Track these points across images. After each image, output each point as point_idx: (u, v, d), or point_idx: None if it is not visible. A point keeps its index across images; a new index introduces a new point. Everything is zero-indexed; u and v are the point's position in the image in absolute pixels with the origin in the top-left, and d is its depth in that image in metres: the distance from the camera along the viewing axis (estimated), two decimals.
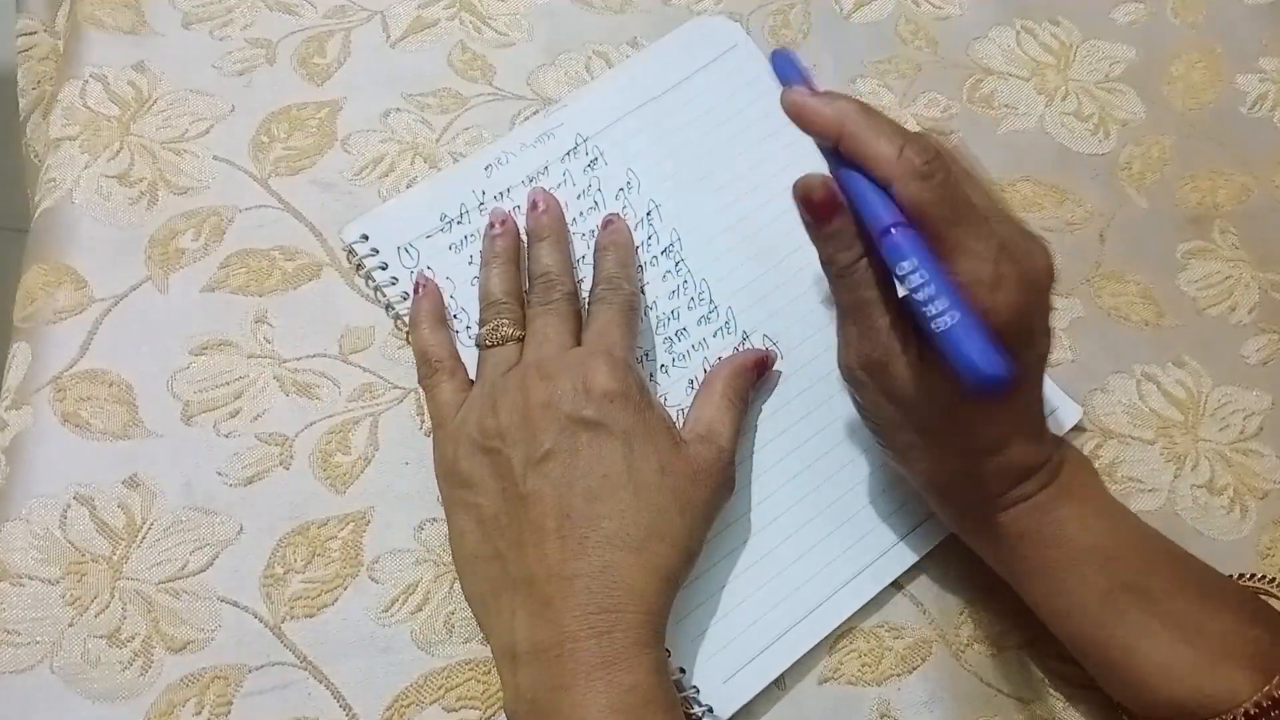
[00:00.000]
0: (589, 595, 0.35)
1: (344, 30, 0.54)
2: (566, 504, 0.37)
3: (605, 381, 0.39)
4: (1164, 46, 0.58)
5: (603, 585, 0.36)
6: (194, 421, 0.44)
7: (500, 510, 0.38)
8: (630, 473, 0.38)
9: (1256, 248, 0.52)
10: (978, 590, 0.43)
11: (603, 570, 0.36)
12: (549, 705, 0.35)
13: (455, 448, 0.41)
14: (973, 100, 0.55)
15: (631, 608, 0.35)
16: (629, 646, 0.35)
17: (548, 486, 0.37)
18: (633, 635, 0.35)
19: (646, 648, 0.35)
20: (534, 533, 0.37)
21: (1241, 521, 0.46)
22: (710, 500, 0.40)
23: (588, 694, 0.34)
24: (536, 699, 0.35)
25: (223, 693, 0.39)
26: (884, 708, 0.41)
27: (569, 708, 0.34)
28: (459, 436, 0.41)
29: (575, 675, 0.34)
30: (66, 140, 0.49)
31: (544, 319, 0.43)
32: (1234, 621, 0.38)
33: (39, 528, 0.41)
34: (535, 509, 0.37)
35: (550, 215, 0.47)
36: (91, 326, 0.45)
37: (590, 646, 0.35)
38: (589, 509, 0.37)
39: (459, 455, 0.40)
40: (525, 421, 0.39)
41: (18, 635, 0.39)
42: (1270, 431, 0.48)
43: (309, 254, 0.48)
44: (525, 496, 0.38)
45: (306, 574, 0.41)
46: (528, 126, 0.51)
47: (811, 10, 0.57)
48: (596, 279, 0.45)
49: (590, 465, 0.38)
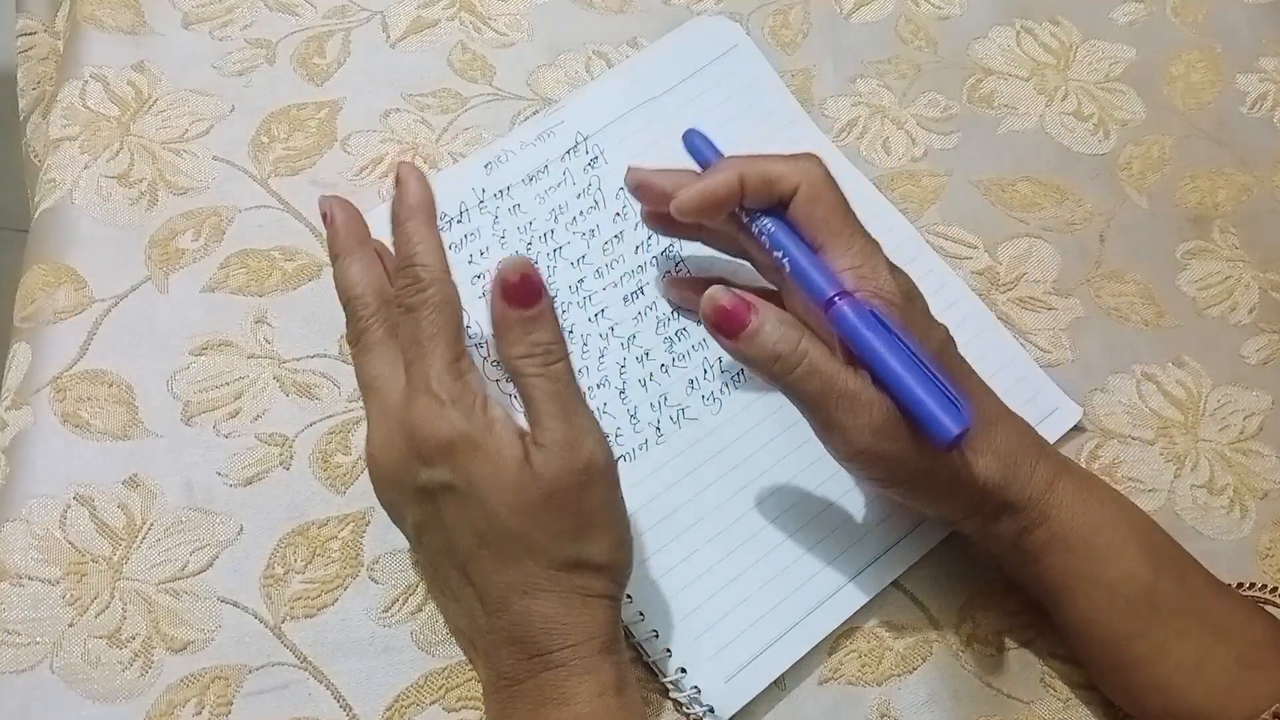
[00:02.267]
0: (516, 645, 0.35)
1: (344, 30, 0.53)
2: (460, 566, 0.36)
3: (432, 433, 0.34)
4: (1164, 46, 0.58)
5: (524, 632, 0.35)
6: (194, 421, 0.44)
7: (422, 566, 0.38)
8: (494, 522, 0.34)
9: (1256, 248, 0.52)
10: (978, 590, 0.43)
11: (519, 619, 0.35)
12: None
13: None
14: (973, 100, 0.55)
15: (560, 644, 0.35)
16: (566, 680, 0.35)
17: (437, 556, 0.37)
18: (568, 669, 0.35)
19: (585, 674, 0.35)
20: (451, 590, 0.37)
21: (1241, 521, 0.46)
22: (579, 502, 0.35)
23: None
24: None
25: (223, 693, 0.39)
26: (884, 708, 0.41)
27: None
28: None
29: (520, 715, 0.35)
30: (66, 140, 0.49)
31: (374, 353, 0.38)
32: (1261, 626, 0.38)
33: (39, 528, 0.41)
34: (441, 572, 0.37)
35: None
36: (91, 327, 0.45)
37: (531, 688, 0.35)
38: (479, 567, 0.35)
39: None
40: (388, 502, 0.38)
41: (18, 635, 0.39)
42: (1270, 431, 0.48)
43: (309, 254, 0.48)
44: (428, 564, 0.37)
45: (306, 574, 0.41)
46: (528, 125, 0.51)
47: (811, 10, 0.57)
48: (395, 268, 0.37)
49: (458, 526, 0.35)
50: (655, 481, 0.44)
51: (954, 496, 0.38)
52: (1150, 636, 0.38)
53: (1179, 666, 0.37)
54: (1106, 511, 0.39)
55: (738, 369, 0.46)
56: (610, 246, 0.49)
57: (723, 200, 0.39)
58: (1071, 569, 0.39)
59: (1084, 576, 0.39)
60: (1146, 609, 0.38)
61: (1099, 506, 0.39)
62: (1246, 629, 0.38)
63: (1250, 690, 0.36)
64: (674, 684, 0.40)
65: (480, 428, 0.34)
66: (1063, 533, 0.38)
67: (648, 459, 0.44)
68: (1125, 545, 0.38)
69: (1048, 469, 0.39)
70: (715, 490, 0.44)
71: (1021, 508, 0.38)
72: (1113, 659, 0.39)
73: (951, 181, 0.53)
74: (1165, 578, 0.38)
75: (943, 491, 0.38)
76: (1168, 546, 0.39)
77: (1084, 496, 0.39)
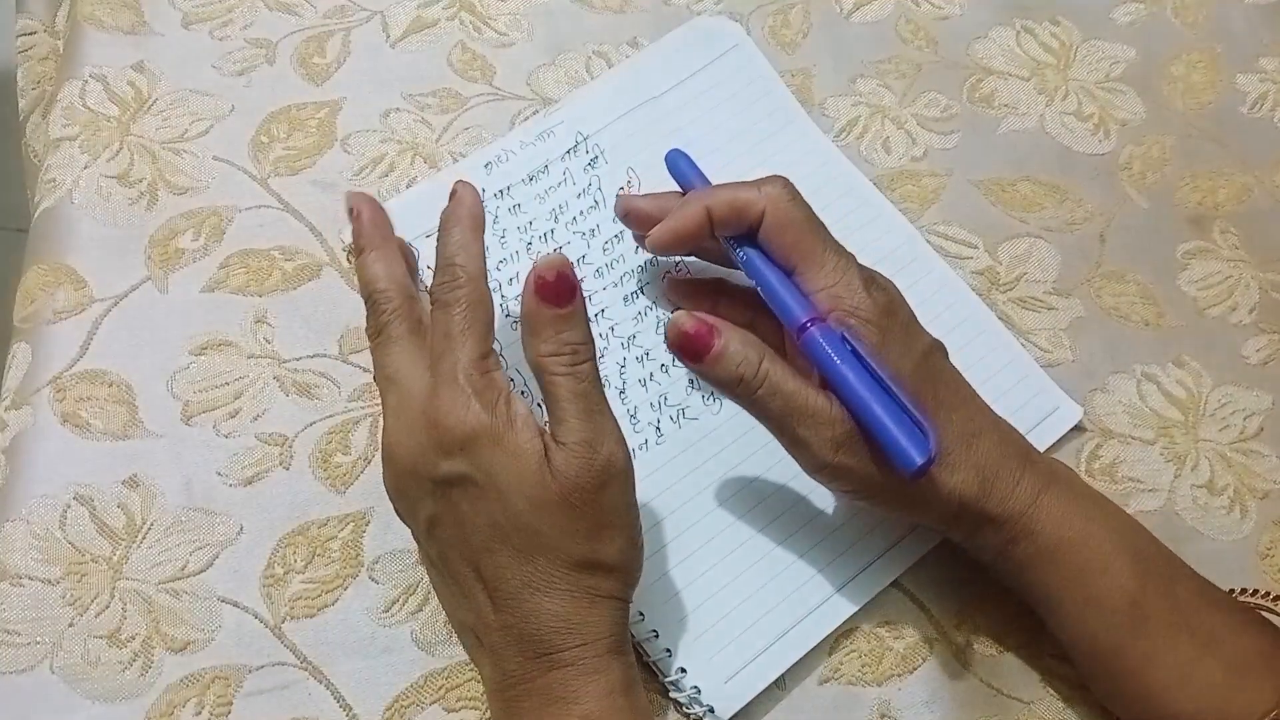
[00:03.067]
0: (525, 643, 0.35)
1: (344, 30, 0.53)
2: (472, 560, 0.36)
3: (455, 424, 0.35)
4: (1164, 46, 0.58)
5: (534, 630, 0.35)
6: (194, 421, 0.44)
7: (430, 561, 0.38)
8: (511, 517, 0.35)
9: (1257, 248, 0.52)
10: (978, 590, 0.43)
11: (529, 616, 0.35)
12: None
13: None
14: (973, 100, 0.55)
15: (569, 643, 0.35)
16: (575, 679, 0.35)
17: (448, 549, 0.37)
18: (577, 668, 0.35)
19: (594, 674, 0.35)
20: (460, 585, 0.37)
21: (1241, 522, 0.46)
22: (596, 502, 0.35)
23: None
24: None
25: (223, 693, 0.39)
26: (884, 708, 0.41)
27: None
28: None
29: (528, 714, 0.35)
30: (66, 140, 0.49)
31: (397, 346, 0.38)
32: (1254, 635, 0.38)
33: (39, 528, 0.41)
34: (451, 567, 0.37)
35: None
36: (91, 326, 0.45)
37: (539, 686, 0.35)
38: (492, 561, 0.35)
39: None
40: (400, 493, 0.37)
41: (18, 635, 0.39)
42: (1270, 431, 0.48)
43: (309, 254, 0.48)
44: (437, 558, 0.37)
45: (306, 574, 0.41)
46: (528, 125, 0.51)
47: (811, 10, 0.57)
48: (435, 266, 0.38)
49: (474, 520, 0.35)
50: (655, 481, 0.44)
51: (928, 509, 0.39)
52: (1137, 649, 0.38)
53: (1167, 678, 0.37)
54: (1094, 524, 0.39)
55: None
56: (610, 246, 0.49)
57: (692, 235, 0.41)
58: (1058, 583, 0.39)
59: (1070, 590, 0.38)
60: (1133, 622, 0.37)
61: (1085, 520, 0.39)
62: (1238, 639, 0.38)
63: (1242, 699, 0.36)
64: (674, 684, 0.40)
65: (503, 422, 0.35)
66: (1049, 546, 0.38)
67: (648, 459, 0.44)
68: (1113, 558, 0.38)
69: (1033, 481, 0.39)
70: (715, 490, 0.44)
71: (1003, 521, 0.38)
72: (1102, 669, 0.39)
73: (951, 181, 0.53)
74: (1153, 590, 0.38)
75: (916, 504, 0.38)
76: (1157, 557, 0.39)
77: (1071, 509, 0.39)
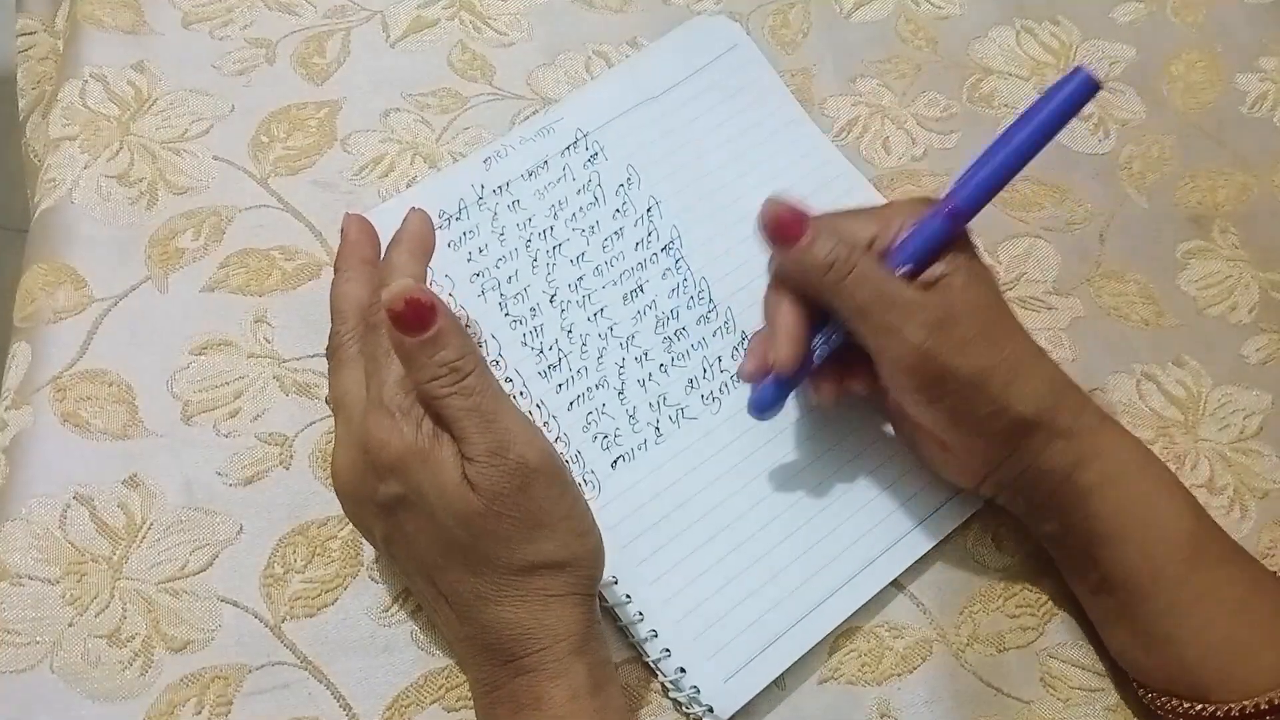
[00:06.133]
0: (488, 652, 0.36)
1: (344, 30, 0.53)
2: (428, 577, 0.36)
3: (381, 447, 0.35)
4: (1164, 46, 0.58)
5: (494, 640, 0.35)
6: (194, 421, 0.44)
7: (400, 574, 0.39)
8: (446, 532, 0.35)
9: (1256, 248, 0.52)
10: (978, 590, 0.43)
11: (487, 628, 0.35)
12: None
13: None
14: (973, 100, 0.55)
15: (529, 649, 0.35)
16: (540, 683, 0.35)
17: (407, 566, 0.37)
18: (539, 673, 0.35)
19: (557, 678, 0.35)
20: (427, 599, 0.37)
21: (1241, 521, 0.46)
22: (521, 505, 0.35)
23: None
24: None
25: (223, 693, 0.39)
26: (884, 708, 0.41)
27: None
28: None
29: (501, 717, 0.36)
30: (66, 140, 0.49)
31: (345, 370, 0.38)
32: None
33: (39, 528, 0.41)
34: (414, 583, 0.38)
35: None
36: (91, 326, 0.45)
37: (508, 693, 0.36)
38: (444, 577, 0.36)
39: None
40: (354, 517, 0.38)
41: (18, 635, 0.39)
42: (1270, 431, 0.48)
43: (309, 254, 0.48)
44: (401, 573, 0.38)
45: (306, 574, 0.41)
46: (528, 124, 0.51)
47: (811, 10, 0.57)
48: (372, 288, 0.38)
49: (419, 539, 0.36)
50: (655, 481, 0.44)
51: (1005, 415, 0.38)
52: (1199, 579, 0.38)
53: (1229, 609, 0.37)
54: (1151, 456, 0.39)
55: (735, 371, 0.46)
56: (610, 243, 0.49)
57: (799, 355, 0.40)
58: (1126, 508, 0.38)
59: (1137, 516, 0.38)
60: (1194, 553, 0.38)
61: (1145, 450, 0.39)
62: (1277, 583, 0.39)
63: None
64: (673, 684, 0.40)
65: (427, 440, 0.35)
66: (1117, 470, 0.38)
67: (647, 459, 0.44)
68: (1175, 488, 0.39)
69: (1097, 408, 0.39)
70: (714, 490, 0.44)
71: (1075, 435, 0.38)
72: (1165, 603, 0.38)
73: (951, 181, 0.52)
74: (1206, 524, 0.39)
75: (994, 408, 0.37)
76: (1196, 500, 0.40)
77: (1131, 438, 0.39)
